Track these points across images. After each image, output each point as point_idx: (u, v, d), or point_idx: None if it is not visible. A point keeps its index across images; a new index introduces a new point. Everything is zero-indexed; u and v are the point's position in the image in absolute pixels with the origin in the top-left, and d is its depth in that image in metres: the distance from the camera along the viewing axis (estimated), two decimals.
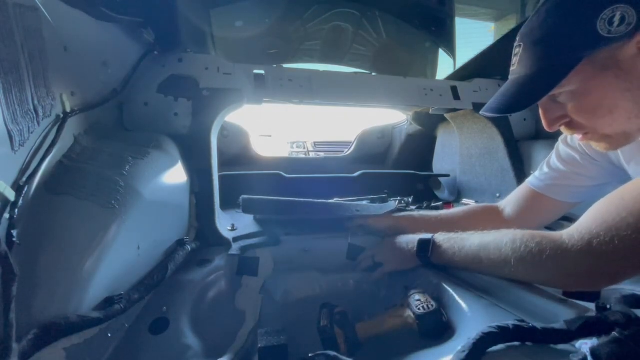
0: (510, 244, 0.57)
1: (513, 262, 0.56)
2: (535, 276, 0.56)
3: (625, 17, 0.46)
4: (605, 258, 0.46)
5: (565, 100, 0.56)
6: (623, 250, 0.44)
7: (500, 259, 0.58)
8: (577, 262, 0.49)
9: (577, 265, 0.49)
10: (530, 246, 0.53)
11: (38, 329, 0.45)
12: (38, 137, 0.58)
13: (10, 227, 0.47)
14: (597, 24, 0.48)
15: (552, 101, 0.59)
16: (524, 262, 0.54)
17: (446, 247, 0.69)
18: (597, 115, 0.54)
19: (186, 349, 0.58)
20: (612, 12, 0.47)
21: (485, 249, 0.61)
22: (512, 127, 1.39)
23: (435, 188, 1.75)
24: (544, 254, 0.51)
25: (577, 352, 0.39)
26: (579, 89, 0.53)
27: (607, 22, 0.47)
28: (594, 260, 0.47)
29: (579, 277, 0.50)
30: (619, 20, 0.47)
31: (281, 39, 1.80)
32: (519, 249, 0.54)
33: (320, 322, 0.64)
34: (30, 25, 0.56)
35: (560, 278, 0.53)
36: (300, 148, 3.78)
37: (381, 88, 1.24)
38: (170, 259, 0.74)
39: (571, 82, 0.53)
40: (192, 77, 1.01)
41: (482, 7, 1.92)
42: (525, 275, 0.57)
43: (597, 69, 0.51)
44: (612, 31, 0.48)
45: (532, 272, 0.55)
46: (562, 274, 0.51)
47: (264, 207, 0.92)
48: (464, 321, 0.59)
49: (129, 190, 0.65)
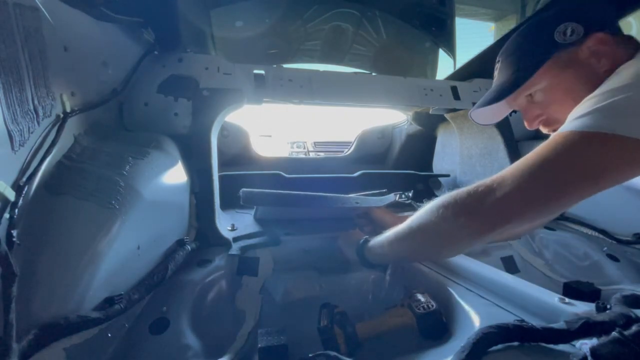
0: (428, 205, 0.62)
1: (426, 213, 0.61)
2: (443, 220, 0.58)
3: (574, 29, 0.64)
4: (496, 187, 0.52)
5: (539, 97, 0.70)
6: (512, 181, 0.51)
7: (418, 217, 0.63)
8: (472, 195, 0.54)
9: (472, 196, 0.54)
10: (443, 195, 0.59)
11: (38, 329, 0.45)
12: (38, 137, 0.58)
13: (10, 227, 0.47)
14: (554, 35, 0.65)
15: (530, 102, 0.73)
16: (437, 207, 0.59)
17: (374, 244, 0.77)
18: (565, 105, 0.64)
19: (186, 349, 0.58)
20: (565, 27, 0.64)
21: (407, 221, 0.66)
22: (512, 127, 1.39)
23: (436, 188, 1.75)
24: (453, 194, 0.57)
25: (577, 352, 0.39)
26: (548, 85, 0.67)
27: (562, 33, 0.65)
28: (487, 190, 0.53)
29: (472, 209, 0.54)
30: (570, 32, 0.64)
31: (281, 39, 1.80)
32: (436, 200, 0.60)
33: (320, 322, 0.64)
34: (30, 25, 0.56)
35: (458, 212, 0.56)
36: (300, 148, 3.78)
37: (381, 88, 1.24)
38: (170, 259, 0.74)
39: (542, 80, 0.67)
40: (192, 77, 1.01)
41: (482, 7, 1.92)
42: (435, 224, 0.59)
43: (560, 67, 0.65)
44: (566, 39, 0.64)
45: (440, 217, 0.58)
46: (459, 207, 0.56)
47: (263, 199, 0.92)
48: (464, 321, 0.59)
49: (129, 190, 0.65)
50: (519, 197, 0.50)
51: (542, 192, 0.50)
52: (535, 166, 0.50)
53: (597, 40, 0.62)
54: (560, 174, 0.49)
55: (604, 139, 0.46)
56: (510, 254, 1.07)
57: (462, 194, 0.56)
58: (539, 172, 0.50)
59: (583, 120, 0.49)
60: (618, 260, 1.02)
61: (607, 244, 1.09)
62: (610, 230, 1.13)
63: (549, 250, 1.13)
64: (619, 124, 0.46)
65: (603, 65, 0.61)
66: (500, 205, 0.51)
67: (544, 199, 0.50)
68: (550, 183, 0.49)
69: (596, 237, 1.14)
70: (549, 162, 0.50)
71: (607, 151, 0.46)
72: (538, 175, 0.50)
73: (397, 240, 0.69)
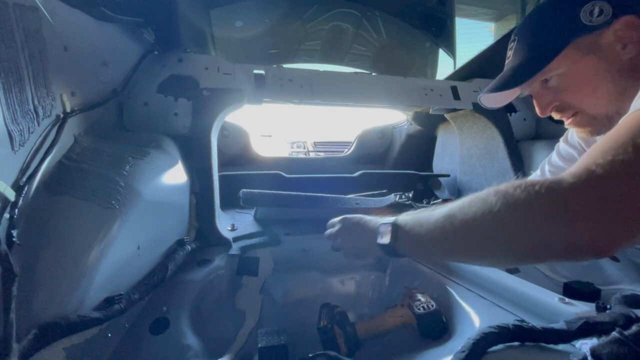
0: (493, 192, 0.42)
1: (499, 209, 0.40)
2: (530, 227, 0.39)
3: (603, 9, 0.56)
4: (609, 183, 0.35)
5: (555, 83, 0.64)
6: (626, 174, 0.35)
7: (485, 210, 0.42)
8: (578, 193, 0.36)
9: (578, 196, 0.36)
10: (517, 185, 0.40)
11: (38, 329, 0.45)
12: (38, 137, 0.58)
13: (10, 227, 0.47)
14: (580, 15, 0.58)
15: (544, 88, 0.66)
16: (514, 208, 0.39)
17: (412, 225, 0.53)
18: (583, 93, 0.61)
19: (186, 349, 0.58)
20: (592, 5, 0.57)
21: (461, 208, 0.45)
22: (512, 127, 1.39)
23: (435, 188, 1.75)
24: (540, 188, 0.38)
25: (577, 352, 0.39)
26: (567, 71, 0.61)
27: (589, 13, 0.57)
28: (598, 186, 0.35)
29: (586, 216, 0.35)
30: (598, 12, 0.57)
31: (281, 39, 1.80)
32: (507, 192, 0.40)
33: (320, 322, 0.65)
34: (30, 25, 0.56)
35: (564, 221, 0.36)
36: (300, 148, 3.78)
37: (381, 88, 1.24)
38: (170, 259, 0.74)
39: (560, 66, 0.61)
40: (192, 77, 1.01)
41: (482, 7, 1.92)
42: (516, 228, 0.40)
43: (582, 53, 0.59)
44: (592, 20, 0.57)
45: (524, 221, 0.39)
46: (565, 214, 0.36)
47: (263, 199, 0.92)
48: (464, 321, 0.59)
49: (129, 190, 0.65)
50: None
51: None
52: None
53: (626, 24, 0.55)
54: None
55: None
56: None
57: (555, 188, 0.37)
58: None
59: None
60: (618, 260, 1.02)
61: None
62: None
63: None
64: None
65: (628, 52, 0.55)
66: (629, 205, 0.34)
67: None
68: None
69: None
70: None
71: None
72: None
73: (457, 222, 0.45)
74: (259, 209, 1.09)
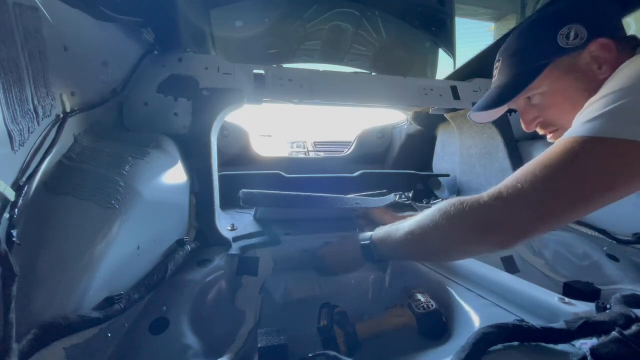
0: (437, 210, 0.58)
1: (440, 223, 0.56)
2: (458, 233, 0.55)
3: (578, 33, 0.61)
4: (511, 204, 0.49)
5: (538, 100, 0.69)
6: (527, 195, 0.48)
7: (431, 225, 0.58)
8: (488, 211, 0.51)
9: (489, 213, 0.51)
10: (454, 204, 0.55)
11: (38, 329, 0.45)
12: (38, 137, 0.58)
13: (10, 227, 0.47)
14: (557, 38, 0.63)
15: (528, 105, 0.72)
16: (450, 222, 0.55)
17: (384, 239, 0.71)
18: (563, 110, 0.65)
19: (186, 349, 0.58)
20: (569, 29, 0.62)
21: (417, 222, 0.62)
22: (512, 127, 1.39)
23: (436, 188, 1.76)
24: (465, 206, 0.53)
25: (577, 352, 0.39)
26: (548, 90, 0.66)
27: (565, 37, 0.62)
28: (503, 206, 0.50)
29: (491, 226, 0.51)
30: (574, 35, 0.62)
31: (281, 39, 1.80)
32: (446, 210, 0.56)
33: (320, 322, 0.64)
34: (30, 25, 0.56)
35: (476, 229, 0.53)
36: (300, 148, 3.78)
37: (381, 88, 1.24)
38: (170, 259, 0.74)
39: (542, 85, 0.66)
40: (192, 77, 1.01)
41: (482, 7, 1.92)
42: (450, 234, 0.56)
43: (561, 73, 0.64)
44: (569, 43, 0.62)
45: (455, 229, 0.55)
46: (478, 224, 0.52)
47: (263, 200, 0.92)
48: (464, 321, 0.59)
49: (129, 190, 0.65)
50: (538, 212, 0.48)
51: (561, 205, 0.47)
52: (550, 176, 0.47)
53: (600, 46, 0.60)
54: (576, 183, 0.46)
55: (616, 144, 0.44)
56: (510, 254, 1.07)
57: (475, 206, 0.52)
58: (554, 183, 0.47)
59: (593, 124, 0.46)
60: (618, 260, 1.02)
61: (607, 244, 1.09)
62: (610, 230, 1.13)
63: (549, 250, 1.13)
64: (631, 129, 0.43)
65: (604, 72, 0.59)
66: (519, 222, 0.49)
67: (563, 212, 0.47)
68: (567, 194, 0.46)
69: (596, 237, 1.14)
70: (562, 170, 0.47)
71: (621, 156, 0.44)
72: (553, 187, 0.47)
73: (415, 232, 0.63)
74: (259, 209, 1.09)
